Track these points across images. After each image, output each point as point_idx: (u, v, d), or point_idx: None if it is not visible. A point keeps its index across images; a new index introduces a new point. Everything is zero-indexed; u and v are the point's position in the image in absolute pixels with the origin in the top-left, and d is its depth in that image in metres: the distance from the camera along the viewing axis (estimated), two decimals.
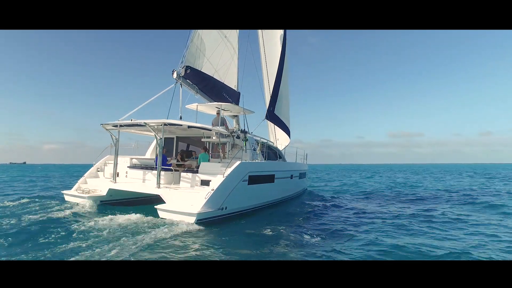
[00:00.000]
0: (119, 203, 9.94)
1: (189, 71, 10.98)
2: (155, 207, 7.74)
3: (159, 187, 8.67)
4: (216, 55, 12.11)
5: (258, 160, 10.72)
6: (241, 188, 8.65)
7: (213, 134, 10.14)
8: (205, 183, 8.62)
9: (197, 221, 7.23)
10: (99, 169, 11.04)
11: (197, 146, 11.56)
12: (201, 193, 7.89)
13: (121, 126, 9.71)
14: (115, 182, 9.85)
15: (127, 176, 10.27)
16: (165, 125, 8.93)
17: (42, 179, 28.03)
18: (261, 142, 11.63)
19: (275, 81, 14.10)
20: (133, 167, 10.32)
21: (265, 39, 15.82)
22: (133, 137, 12.16)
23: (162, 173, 8.97)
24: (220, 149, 10.35)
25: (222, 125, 10.68)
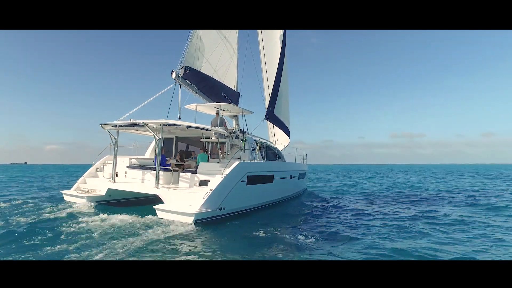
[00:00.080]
0: (118, 203, 9.95)
1: (188, 71, 10.99)
2: (154, 207, 7.75)
3: (157, 187, 8.68)
4: (215, 55, 12.12)
5: (257, 160, 10.71)
6: (239, 188, 8.66)
7: (212, 134, 10.14)
8: (204, 183, 8.63)
9: (195, 221, 7.23)
10: (99, 169, 11.05)
11: (197, 146, 11.57)
12: (200, 193, 7.90)
13: (120, 126, 9.71)
14: (114, 182, 9.86)
15: (126, 176, 10.28)
16: (164, 125, 8.94)
17: (40, 179, 27.95)
18: (260, 142, 11.62)
19: (274, 81, 14.09)
20: (132, 167, 10.33)
21: (264, 39, 15.82)
22: (133, 137, 12.19)
23: (161, 173, 8.98)
24: (219, 149, 10.36)
25: (221, 125, 10.68)
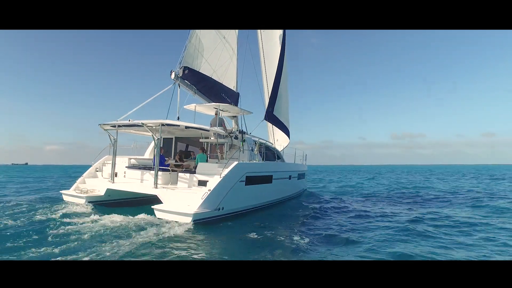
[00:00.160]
0: (117, 203, 9.97)
1: (187, 72, 10.99)
2: (152, 207, 7.76)
3: (156, 187, 8.69)
4: (214, 55, 12.12)
5: (256, 160, 10.71)
6: (238, 188, 8.66)
7: (211, 134, 10.15)
8: (202, 184, 8.64)
9: (193, 221, 7.23)
10: (98, 169, 11.06)
11: (196, 146, 11.58)
12: (198, 193, 7.90)
13: (119, 126, 9.72)
14: (113, 182, 9.87)
15: (125, 176, 10.30)
16: (163, 126, 8.95)
17: (38, 180, 27.96)
18: (259, 142, 11.62)
19: (274, 81, 14.08)
20: (131, 167, 10.34)
21: (264, 39, 15.83)
22: (133, 138, 12.22)
23: (159, 173, 8.99)
24: (218, 149, 10.37)
25: (220, 126, 10.68)
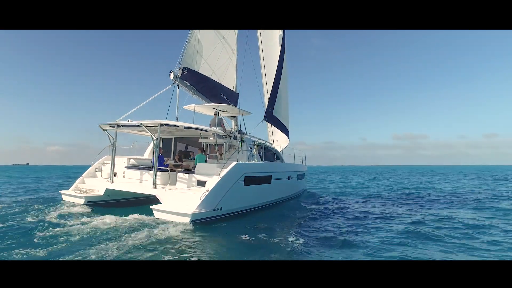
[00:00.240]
0: (117, 203, 9.99)
1: (186, 72, 11.00)
2: (151, 207, 7.77)
3: (155, 187, 8.71)
4: (213, 56, 12.13)
5: (255, 161, 10.71)
6: (236, 189, 8.66)
7: (210, 135, 10.16)
8: (201, 184, 8.66)
9: (191, 221, 7.24)
10: (97, 169, 11.09)
11: (196, 146, 11.58)
12: (197, 193, 7.91)
13: (118, 126, 9.75)
14: (112, 182, 9.89)
15: (124, 176, 10.32)
16: (162, 126, 8.97)
17: (36, 180, 27.96)
18: (258, 143, 11.62)
19: (273, 81, 14.08)
20: (130, 167, 10.37)
21: (264, 40, 15.84)
22: (133, 138, 12.26)
23: (158, 173, 9.01)
24: (217, 150, 10.37)
25: (219, 126, 10.69)
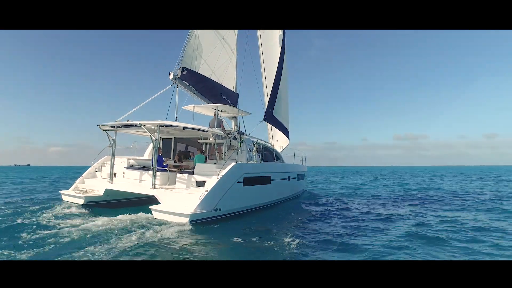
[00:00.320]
0: (116, 203, 10.00)
1: (185, 73, 11.00)
2: (150, 207, 7.78)
3: (154, 187, 8.72)
4: (213, 56, 12.12)
5: (254, 161, 10.71)
6: (236, 189, 8.66)
7: (210, 135, 10.16)
8: (200, 184, 8.66)
9: (190, 222, 7.24)
10: (97, 170, 11.11)
11: (195, 147, 11.60)
12: (196, 194, 7.91)
13: (117, 127, 9.76)
14: (112, 182, 9.91)
15: (124, 176, 10.34)
16: (161, 126, 8.98)
17: (34, 181, 27.95)
18: (257, 143, 11.61)
19: (274, 82, 14.07)
20: (130, 167, 10.38)
21: (264, 40, 15.83)
22: (133, 138, 12.28)
23: (157, 174, 9.01)
24: (216, 150, 10.38)
25: (218, 126, 10.70)
